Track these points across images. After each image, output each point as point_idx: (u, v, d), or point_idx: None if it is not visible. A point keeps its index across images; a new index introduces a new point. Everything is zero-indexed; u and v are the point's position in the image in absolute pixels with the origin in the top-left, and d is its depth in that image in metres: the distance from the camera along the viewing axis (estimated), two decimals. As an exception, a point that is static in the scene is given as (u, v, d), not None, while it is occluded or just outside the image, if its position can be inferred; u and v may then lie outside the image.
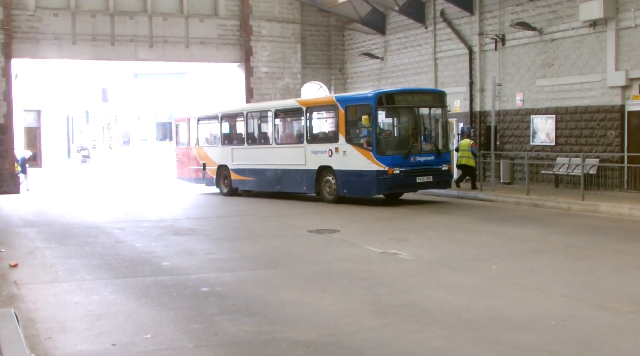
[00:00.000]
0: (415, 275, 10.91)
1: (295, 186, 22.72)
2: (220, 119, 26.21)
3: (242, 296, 9.71)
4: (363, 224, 17.03)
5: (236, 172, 25.14)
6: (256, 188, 24.77)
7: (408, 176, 19.97)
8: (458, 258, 12.32)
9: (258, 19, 31.81)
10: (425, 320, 8.27)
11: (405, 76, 29.46)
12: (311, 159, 21.75)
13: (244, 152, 24.91)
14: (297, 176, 22.46)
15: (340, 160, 20.64)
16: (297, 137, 23.12)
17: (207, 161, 26.60)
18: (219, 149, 26.17)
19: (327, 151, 21.10)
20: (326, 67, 34.13)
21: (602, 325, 7.91)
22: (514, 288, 9.86)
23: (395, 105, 20.51)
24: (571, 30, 21.54)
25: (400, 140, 20.96)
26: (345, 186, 20.69)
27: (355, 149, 20.23)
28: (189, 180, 28.06)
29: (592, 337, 7.50)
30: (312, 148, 21.77)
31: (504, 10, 24.17)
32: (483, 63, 25.22)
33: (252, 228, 17.20)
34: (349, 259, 12.35)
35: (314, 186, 21.75)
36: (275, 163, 23.34)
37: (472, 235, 14.75)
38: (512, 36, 23.88)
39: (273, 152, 23.59)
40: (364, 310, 8.83)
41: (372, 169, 19.72)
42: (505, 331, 7.76)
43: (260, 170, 24.14)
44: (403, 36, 29.74)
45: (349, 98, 21.47)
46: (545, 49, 22.52)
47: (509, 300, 9.17)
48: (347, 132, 20.61)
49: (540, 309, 8.64)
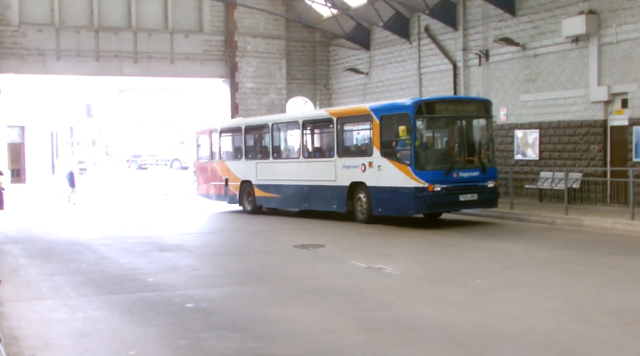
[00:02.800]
0: (401, 290, 10.92)
1: (325, 204, 21.01)
2: (244, 131, 24.53)
3: (228, 312, 9.67)
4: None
5: (260, 189, 23.47)
6: (282, 206, 23.22)
7: (450, 194, 18.09)
8: (443, 272, 12.35)
9: (243, 35, 31.89)
10: (411, 335, 8.27)
11: (390, 91, 29.58)
12: (342, 174, 20.08)
13: (269, 166, 23.22)
14: (326, 193, 20.75)
15: (374, 176, 18.90)
16: (327, 150, 21.28)
17: (230, 177, 24.98)
18: (242, 164, 24.51)
19: (360, 166, 19.36)
20: (311, 83, 34.22)
21: (587, 339, 7.94)
22: (499, 303, 9.88)
23: (436, 114, 18.52)
24: (554, 45, 21.71)
25: (442, 154, 19.00)
26: (379, 204, 18.92)
27: (392, 163, 18.39)
28: (211, 197, 26.48)
29: (577, 351, 7.52)
30: (343, 162, 20.09)
31: (487, 26, 24.34)
32: (467, 78, 25.37)
33: (242, 243, 17.17)
34: (335, 274, 12.35)
35: (344, 203, 20.02)
36: (303, 179, 21.68)
37: (456, 250, 14.78)
38: (495, 52, 24.05)
39: (300, 166, 21.95)
40: (349, 325, 8.82)
41: (410, 186, 17.85)
42: (492, 346, 7.77)
43: (286, 186, 22.42)
44: (388, 51, 29.88)
45: (385, 107, 19.37)
46: (528, 64, 22.69)
47: (494, 314, 9.19)
48: (382, 145, 18.77)
49: (525, 323, 8.66)
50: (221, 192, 25.46)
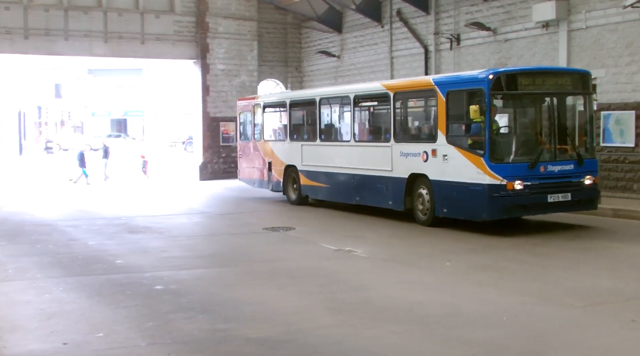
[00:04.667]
0: (371, 272, 10.97)
1: (379, 199, 17.16)
2: (289, 107, 20.93)
3: (197, 294, 9.65)
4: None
5: (306, 176, 19.95)
6: (330, 198, 19.43)
7: (536, 194, 14.03)
8: (412, 255, 12.42)
9: (215, 16, 31.61)
10: (380, 316, 8.31)
11: (361, 75, 29.54)
12: (400, 163, 16.23)
13: (316, 150, 19.70)
14: (381, 186, 16.96)
15: (439, 167, 14.97)
16: (382, 133, 17.67)
17: (274, 160, 21.51)
18: (286, 146, 21.04)
19: (421, 154, 15.43)
20: (283, 65, 34.06)
21: (553, 320, 8.04)
22: (467, 285, 9.96)
23: (519, 90, 14.44)
24: (524, 30, 21.79)
25: (525, 141, 15.04)
26: (444, 204, 14.92)
27: (460, 152, 14.44)
28: (252, 182, 23.04)
29: (544, 332, 7.61)
30: (401, 149, 16.22)
31: (459, 10, 24.38)
32: (438, 62, 25.41)
33: (212, 224, 17.12)
34: (305, 257, 12.37)
35: (402, 200, 16.11)
36: (354, 167, 17.97)
37: (425, 233, 14.85)
38: (467, 36, 24.10)
39: (351, 151, 18.28)
40: (320, 307, 8.84)
41: (483, 183, 13.89)
42: (460, 327, 7.84)
43: (335, 174, 18.81)
44: (360, 35, 29.82)
45: (452, 80, 15.36)
46: (499, 49, 22.78)
47: (463, 296, 9.27)
48: (448, 129, 14.80)
49: (493, 305, 8.75)
50: (264, 177, 22.10)
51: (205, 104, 31.29)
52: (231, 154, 31.65)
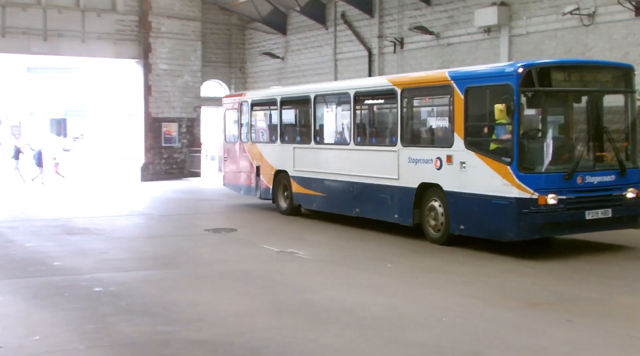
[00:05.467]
0: (314, 274, 10.97)
1: (382, 211, 14.94)
2: (280, 105, 18.71)
3: (137, 296, 9.52)
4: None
5: (299, 183, 17.71)
6: (326, 208, 17.05)
7: (572, 209, 11.94)
8: (355, 257, 12.46)
9: (158, 16, 31.28)
10: (322, 318, 8.31)
11: (305, 77, 29.56)
12: (408, 170, 14.08)
13: (310, 154, 17.49)
14: (385, 196, 14.74)
15: (456, 175, 12.87)
16: (388, 135, 15.61)
17: (262, 164, 19.28)
18: (277, 148, 18.79)
19: (434, 160, 13.35)
20: (226, 66, 33.90)
21: (493, 321, 8.15)
22: (409, 287, 10.04)
23: (554, 86, 12.37)
24: (467, 35, 22.07)
25: (560, 147, 12.74)
26: (461, 219, 12.84)
27: (482, 159, 12.35)
28: (238, 189, 20.83)
29: (483, 333, 7.72)
30: (409, 154, 14.08)
31: (402, 14, 24.57)
32: (382, 65, 25.57)
33: (153, 226, 16.92)
34: (247, 258, 12.31)
35: (410, 213, 13.96)
36: (354, 173, 15.75)
37: (363, 235, 14.91)
38: (410, 40, 24.30)
39: (351, 156, 16.01)
40: (261, 309, 8.81)
41: (510, 196, 11.79)
42: (401, 328, 7.89)
43: (331, 182, 16.57)
44: (304, 37, 29.84)
45: (474, 74, 13.33)
46: (442, 53, 23.03)
47: (405, 298, 9.33)
48: (467, 131, 12.69)
49: (434, 307, 8.83)
50: (251, 183, 19.86)
51: (147, 105, 30.95)
52: (173, 155, 31.41)
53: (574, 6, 18.02)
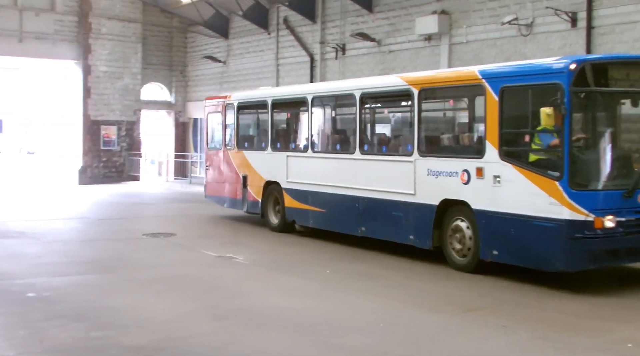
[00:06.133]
0: (252, 279, 10.92)
1: (395, 231, 12.87)
2: (271, 108, 16.53)
3: (71, 301, 9.34)
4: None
5: (293, 196, 15.55)
6: (325, 226, 14.86)
7: (633, 234, 10.10)
8: (294, 262, 12.44)
9: (98, 17, 30.84)
10: (260, 323, 8.27)
11: (247, 81, 29.46)
12: (427, 184, 12.03)
13: (307, 163, 15.31)
14: (398, 214, 12.72)
15: (487, 191, 10.90)
16: (401, 143, 13.40)
17: (250, 174, 17.11)
18: (267, 157, 16.58)
19: (460, 173, 11.37)
20: (167, 69, 33.60)
21: (429, 326, 8.22)
22: (347, 292, 10.05)
23: (611, 86, 10.48)
24: (408, 43, 22.26)
25: (618, 160, 10.54)
26: (494, 244, 10.85)
27: (521, 173, 10.42)
28: (222, 201, 18.55)
29: (419, 338, 7.77)
30: (428, 165, 12.01)
31: (345, 20, 24.68)
32: (324, 71, 25.65)
33: (90, 230, 16.63)
34: (185, 263, 12.19)
35: (429, 234, 11.94)
36: (360, 187, 13.64)
37: (302, 240, 14.91)
38: (352, 46, 24.42)
39: (356, 167, 13.86)
40: (199, 314, 8.72)
41: (559, 218, 9.92)
42: (338, 333, 7.89)
43: (332, 196, 14.37)
44: (246, 41, 29.76)
45: (512, 71, 11.14)
46: (383, 59, 23.19)
47: (343, 303, 9.34)
48: (503, 139, 10.74)
49: (371, 312, 8.85)
50: (237, 195, 17.61)
51: (86, 107, 30.50)
52: (112, 158, 31.01)
53: (513, 16, 18.37)
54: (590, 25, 16.88)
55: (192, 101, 33.67)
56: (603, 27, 16.70)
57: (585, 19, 16.95)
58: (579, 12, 17.12)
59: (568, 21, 17.27)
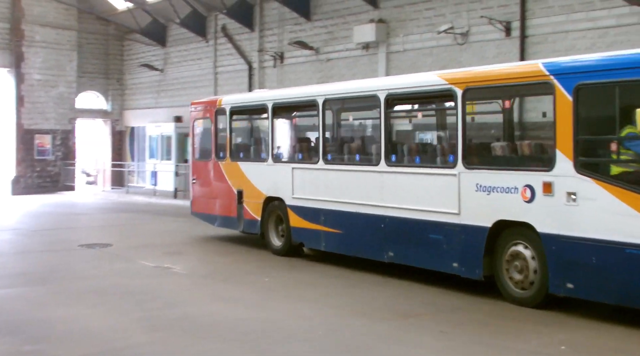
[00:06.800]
0: (190, 289, 10.79)
1: (432, 257, 10.89)
2: (272, 113, 14.38)
3: (3, 314, 9.09)
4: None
5: (300, 215, 13.47)
6: (341, 250, 12.78)
7: None
8: (232, 271, 12.34)
9: (31, 24, 30.24)
10: (200, 333, 8.15)
11: (185, 89, 29.27)
12: (475, 202, 10.16)
13: (318, 176, 13.13)
14: (436, 237, 10.77)
15: (559, 211, 9.07)
16: (440, 152, 11.17)
17: (247, 189, 14.87)
18: (268, 169, 14.41)
19: (521, 189, 9.51)
20: (104, 77, 33.15)
21: (369, 334, 8.20)
22: (287, 301, 10.00)
23: None
24: (346, 51, 22.40)
25: None
26: (569, 275, 9.01)
27: (606, 189, 8.58)
28: (212, 220, 16.17)
29: (359, 345, 7.76)
30: (477, 179, 10.13)
31: (283, 28, 24.70)
32: (262, 79, 25.61)
33: (23, 242, 16.23)
34: (121, 274, 11.98)
35: (479, 261, 10.08)
36: (387, 204, 11.60)
37: (240, 249, 14.82)
38: (290, 54, 24.45)
39: (382, 181, 11.73)
40: (135, 325, 8.56)
41: None
42: (279, 342, 7.83)
43: (351, 215, 12.32)
44: (184, 49, 29.55)
45: (589, 66, 9.12)
46: (321, 68, 23.26)
47: (283, 311, 9.28)
48: (580, 148, 8.91)
49: (311, 320, 8.82)
50: (230, 213, 15.39)
51: (19, 115, 29.87)
52: (46, 168, 30.42)
53: (449, 25, 18.65)
54: (524, 35, 17.27)
55: (130, 110, 33.30)
56: (536, 37, 17.08)
57: (519, 28, 17.32)
58: (513, 21, 17.50)
59: (502, 30, 17.60)
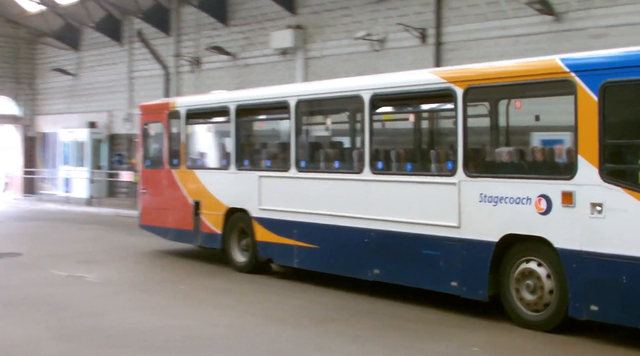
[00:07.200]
0: (104, 298, 10.52)
1: (426, 275, 9.75)
2: (235, 115, 13.02)
3: None
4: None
5: (268, 227, 12.23)
6: (317, 266, 11.51)
7: None
8: (148, 279, 12.12)
9: (-64, 25, 29.23)
10: (114, 343, 7.95)
11: (99, 94, 28.72)
12: (480, 214, 9.07)
13: (290, 186, 11.85)
14: (432, 252, 9.64)
15: (581, 224, 8.05)
16: (436, 159, 10.06)
17: (205, 200, 13.54)
18: (230, 178, 13.09)
19: (535, 200, 8.47)
20: (14, 81, 32.23)
21: (287, 340, 8.15)
22: (203, 308, 9.86)
23: None
24: (263, 57, 22.35)
25: None
26: (594, 296, 7.98)
27: (639, 199, 7.56)
28: (165, 233, 14.82)
29: (277, 351, 7.71)
30: (480, 188, 9.06)
31: (199, 33, 24.49)
32: (179, 84, 25.32)
33: None
34: (31, 283, 11.60)
35: (484, 280, 9.01)
36: (372, 216, 10.42)
37: (156, 256, 14.58)
38: (207, 59, 24.25)
39: (367, 190, 10.52)
40: (46, 335, 8.28)
41: None
42: (195, 350, 7.71)
43: (330, 229, 11.06)
44: (98, 53, 28.98)
45: (617, 62, 7.97)
46: (239, 73, 23.15)
47: (199, 319, 9.14)
48: (608, 154, 7.91)
49: (229, 327, 8.71)
50: (186, 225, 14.02)
51: None
52: (-47, 175, 29.35)
53: (365, 32, 18.81)
54: (439, 42, 17.55)
55: (42, 115, 32.45)
56: (451, 44, 17.39)
57: (434, 35, 17.60)
58: (429, 28, 17.76)
59: (418, 37, 17.85)
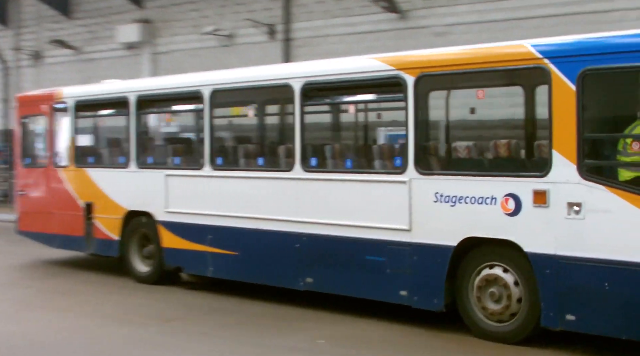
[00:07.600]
0: None
1: (369, 284, 8.67)
2: (136, 107, 11.45)
3: None
4: None
5: (177, 233, 10.83)
6: (237, 276, 10.20)
7: None
8: None
9: None
10: (-61, 353, 7.45)
11: None
12: (435, 215, 8.09)
13: (204, 185, 10.46)
14: (376, 258, 8.57)
15: (557, 226, 7.18)
16: (382, 155, 9.25)
17: (99, 201, 11.96)
18: (129, 177, 11.52)
19: (501, 199, 7.52)
20: None
21: (131, 340, 7.93)
22: (44, 312, 9.43)
23: None
24: (109, 51, 21.76)
25: None
26: (570, 305, 7.14)
27: (625, 198, 6.77)
28: (49, 240, 13.15)
29: (123, 352, 7.49)
30: (436, 187, 8.06)
31: (41, 26, 23.59)
32: (18, 79, 24.29)
33: None
34: None
35: (440, 289, 8.05)
36: (304, 219, 9.25)
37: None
38: (50, 53, 23.38)
39: (297, 190, 9.36)
40: None
41: None
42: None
43: (253, 233, 9.84)
44: None
45: (597, 46, 7.06)
46: (83, 68, 22.42)
47: (39, 323, 8.75)
48: (587, 149, 7.10)
49: (70, 330, 8.38)
50: (75, 231, 12.40)
51: None
52: None
53: (213, 27, 18.66)
54: (288, 38, 17.64)
55: None
56: (300, 40, 17.53)
57: (283, 31, 17.68)
58: (277, 24, 17.81)
59: (267, 33, 17.87)
